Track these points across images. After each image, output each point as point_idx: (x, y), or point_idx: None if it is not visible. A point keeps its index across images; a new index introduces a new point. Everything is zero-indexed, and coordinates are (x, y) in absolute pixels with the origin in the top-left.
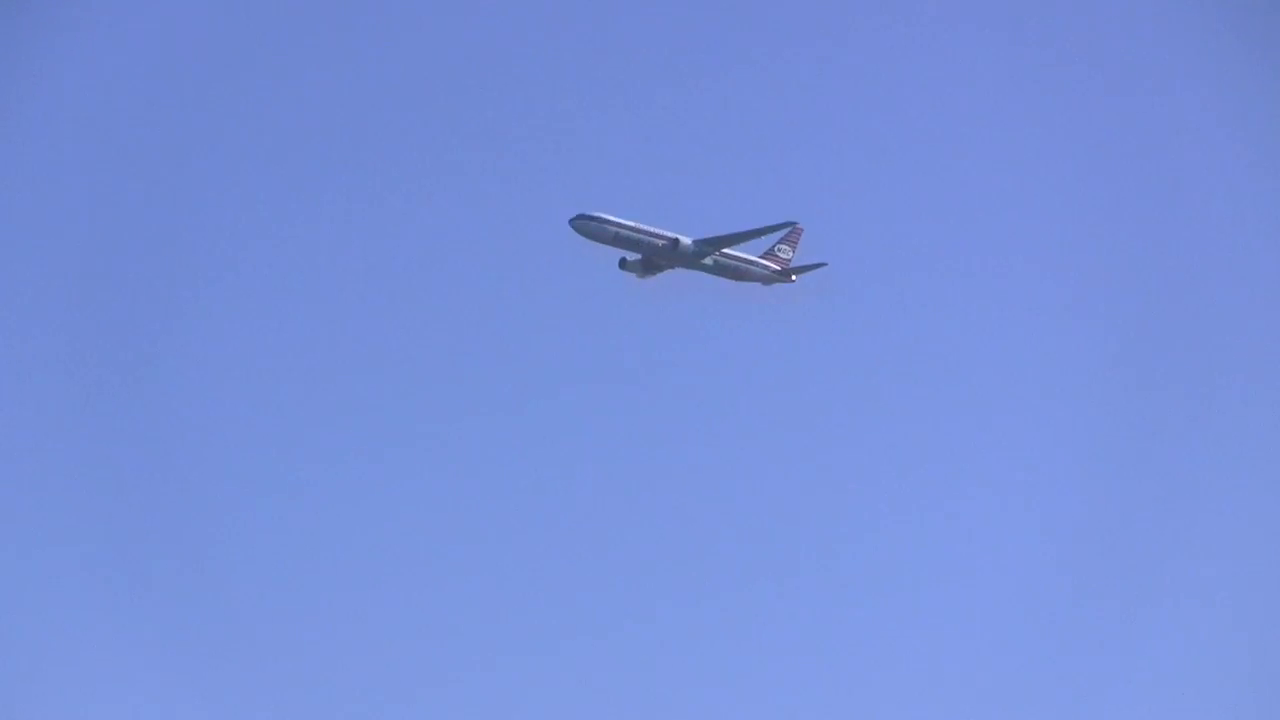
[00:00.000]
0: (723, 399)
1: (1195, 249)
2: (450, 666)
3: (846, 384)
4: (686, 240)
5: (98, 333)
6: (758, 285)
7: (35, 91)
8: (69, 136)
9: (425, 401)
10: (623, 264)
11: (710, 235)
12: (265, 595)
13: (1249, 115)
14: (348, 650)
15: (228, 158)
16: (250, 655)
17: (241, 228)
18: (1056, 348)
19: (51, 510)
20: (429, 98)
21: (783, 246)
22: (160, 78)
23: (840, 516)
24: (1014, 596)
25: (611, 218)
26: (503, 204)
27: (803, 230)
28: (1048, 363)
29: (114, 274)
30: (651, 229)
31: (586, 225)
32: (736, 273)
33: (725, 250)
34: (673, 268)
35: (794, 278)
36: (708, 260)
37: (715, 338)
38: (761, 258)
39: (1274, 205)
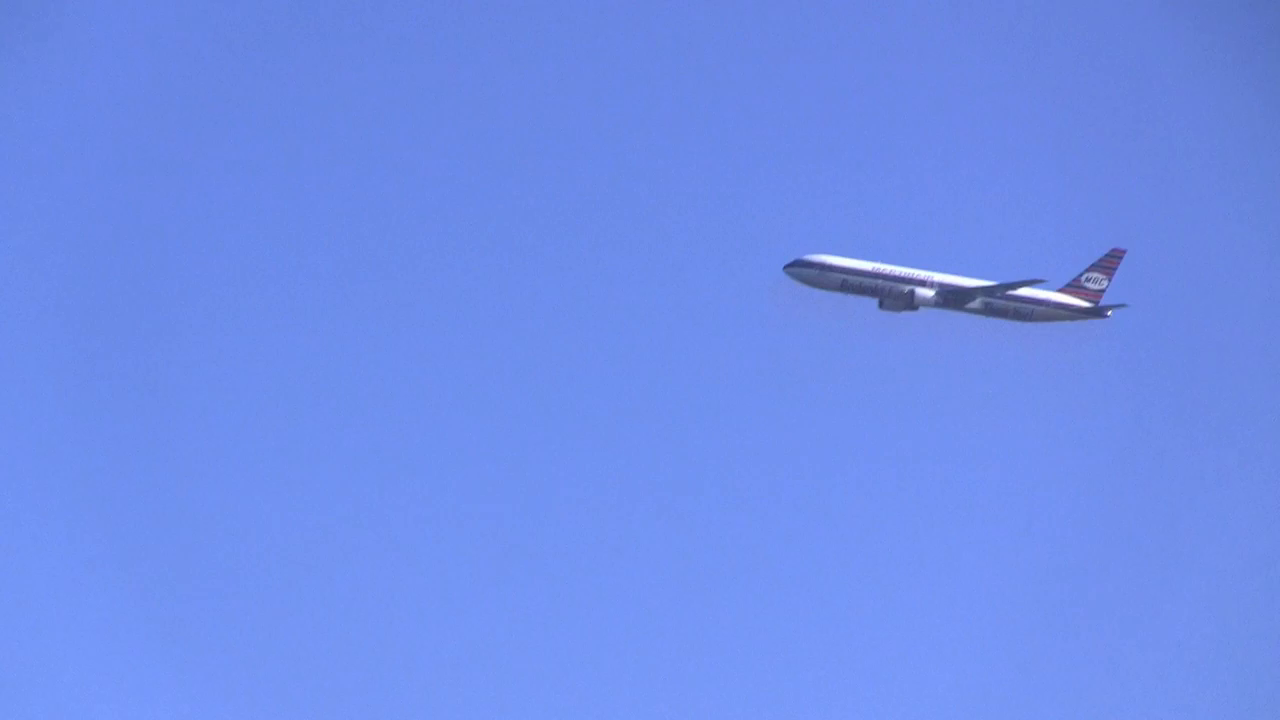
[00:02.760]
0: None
1: None
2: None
3: None
4: (927, 292)
5: (97, 331)
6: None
7: (35, 90)
8: (68, 136)
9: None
10: (882, 304)
11: (955, 284)
12: (269, 596)
13: None
14: (349, 652)
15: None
16: (251, 657)
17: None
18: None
19: (51, 510)
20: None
21: (1093, 275)
22: (174, 76)
23: None
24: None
25: (835, 261)
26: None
27: (1124, 253)
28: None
29: (113, 274)
30: (889, 271)
31: (804, 272)
32: (1018, 314)
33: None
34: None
35: (1109, 313)
36: (974, 303)
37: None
38: (1064, 290)
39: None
